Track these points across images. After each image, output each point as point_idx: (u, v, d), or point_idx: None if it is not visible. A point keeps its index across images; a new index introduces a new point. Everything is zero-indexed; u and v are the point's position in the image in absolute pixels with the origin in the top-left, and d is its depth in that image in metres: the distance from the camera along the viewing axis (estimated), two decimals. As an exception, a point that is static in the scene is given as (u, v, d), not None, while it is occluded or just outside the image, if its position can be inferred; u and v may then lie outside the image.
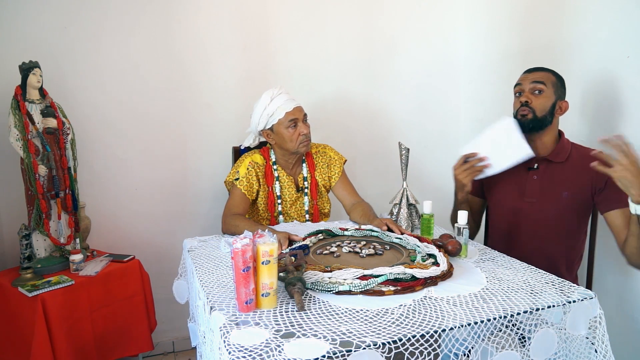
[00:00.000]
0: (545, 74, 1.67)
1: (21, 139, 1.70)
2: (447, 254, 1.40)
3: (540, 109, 1.64)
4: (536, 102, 1.64)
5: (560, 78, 1.68)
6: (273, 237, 1.12)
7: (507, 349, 1.06)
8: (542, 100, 1.64)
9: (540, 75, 1.66)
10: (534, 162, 1.70)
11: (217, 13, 2.21)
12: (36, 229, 1.76)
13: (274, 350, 0.92)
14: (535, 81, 1.65)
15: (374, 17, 2.47)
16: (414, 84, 2.61)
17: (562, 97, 1.68)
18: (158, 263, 2.24)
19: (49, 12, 1.97)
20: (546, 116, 1.64)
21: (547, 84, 1.64)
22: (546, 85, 1.64)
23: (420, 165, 2.59)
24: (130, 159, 2.19)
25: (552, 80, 1.65)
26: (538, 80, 1.65)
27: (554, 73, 1.68)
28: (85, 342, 1.74)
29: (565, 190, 1.63)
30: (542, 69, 1.69)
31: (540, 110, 1.64)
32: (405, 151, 1.71)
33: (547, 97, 1.64)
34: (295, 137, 1.85)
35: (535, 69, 1.70)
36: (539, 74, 1.67)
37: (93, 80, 2.08)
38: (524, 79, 1.70)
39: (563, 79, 1.69)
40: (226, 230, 1.78)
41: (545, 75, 1.66)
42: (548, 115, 1.64)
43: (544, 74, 1.67)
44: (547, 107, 1.64)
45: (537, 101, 1.64)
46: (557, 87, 1.66)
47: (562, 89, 1.68)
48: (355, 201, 1.94)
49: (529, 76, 1.69)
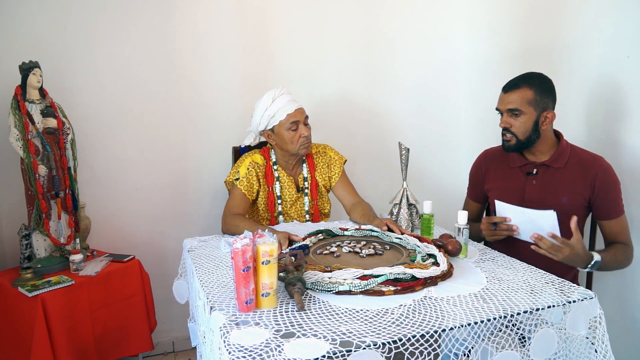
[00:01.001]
0: (520, 93, 1.60)
1: (21, 139, 1.70)
2: (447, 254, 1.40)
3: (521, 132, 1.62)
4: (516, 126, 1.62)
5: (542, 86, 1.60)
6: (273, 237, 1.12)
7: (507, 349, 1.06)
8: (521, 121, 1.61)
9: (513, 98, 1.60)
10: (532, 168, 1.70)
11: (217, 13, 2.21)
12: (36, 229, 1.76)
13: (274, 350, 0.92)
14: (509, 109, 1.62)
15: (374, 17, 2.47)
16: (414, 85, 2.61)
17: (547, 107, 1.61)
18: (158, 263, 2.24)
19: (49, 12, 1.97)
20: (530, 136, 1.62)
21: (522, 107, 1.59)
22: (521, 108, 1.59)
23: (420, 165, 2.59)
24: (130, 158, 2.19)
25: (528, 99, 1.59)
26: (511, 107, 1.61)
27: (531, 85, 1.60)
28: (85, 342, 1.74)
29: (565, 196, 1.63)
30: (517, 86, 1.61)
31: (522, 132, 1.62)
32: (405, 151, 1.71)
33: (527, 118, 1.60)
34: (296, 139, 1.85)
35: (509, 88, 1.63)
36: (512, 95, 1.61)
37: (93, 81, 2.08)
38: (501, 100, 1.66)
39: (547, 84, 1.61)
40: (226, 230, 1.78)
41: (518, 97, 1.59)
42: (532, 134, 1.62)
43: (517, 96, 1.60)
44: (528, 128, 1.61)
45: (517, 124, 1.62)
46: (537, 102, 1.59)
47: (544, 99, 1.60)
48: (355, 201, 1.94)
49: (505, 98, 1.64)
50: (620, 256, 1.59)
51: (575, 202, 1.62)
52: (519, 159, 1.72)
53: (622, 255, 1.59)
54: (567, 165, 1.65)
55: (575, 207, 1.62)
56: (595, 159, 1.63)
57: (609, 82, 1.88)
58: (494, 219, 1.61)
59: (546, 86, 1.62)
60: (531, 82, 1.61)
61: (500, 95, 1.67)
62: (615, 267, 1.61)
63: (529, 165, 1.70)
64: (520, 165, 1.72)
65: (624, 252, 1.60)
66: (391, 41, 2.52)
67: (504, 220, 1.59)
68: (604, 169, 1.61)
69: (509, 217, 1.58)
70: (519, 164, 1.72)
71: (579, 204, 1.63)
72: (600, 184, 1.59)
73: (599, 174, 1.60)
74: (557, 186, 1.65)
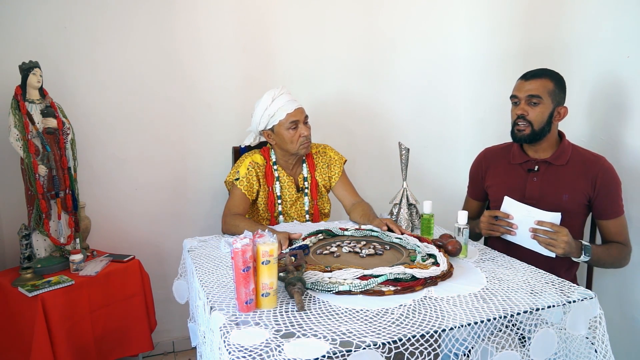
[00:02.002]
0: (542, 82, 1.61)
1: (21, 139, 1.70)
2: (447, 254, 1.40)
3: (537, 122, 1.61)
4: (533, 114, 1.61)
5: (560, 81, 1.63)
6: (273, 237, 1.12)
7: (507, 349, 1.06)
8: (539, 111, 1.60)
9: (535, 86, 1.61)
10: (534, 164, 1.70)
11: (217, 13, 2.21)
12: (36, 229, 1.76)
13: (274, 350, 0.92)
14: (530, 95, 1.61)
15: (374, 17, 2.47)
16: (414, 84, 2.61)
17: (561, 102, 1.63)
18: (158, 263, 2.24)
19: (49, 12, 1.97)
20: (544, 127, 1.62)
21: (544, 95, 1.60)
22: (542, 97, 1.60)
23: (420, 165, 2.59)
24: (130, 158, 2.19)
25: (549, 89, 1.60)
26: (533, 93, 1.60)
27: (552, 77, 1.62)
28: (85, 342, 1.74)
29: (565, 193, 1.63)
30: (539, 75, 1.62)
31: (538, 122, 1.61)
32: (405, 151, 1.71)
33: (545, 108, 1.60)
34: (295, 139, 1.85)
35: (531, 76, 1.63)
36: (535, 83, 1.61)
37: (93, 80, 2.08)
38: (519, 87, 1.65)
39: (563, 81, 1.64)
40: (226, 230, 1.78)
41: (541, 85, 1.60)
42: (546, 126, 1.62)
43: (539, 84, 1.61)
44: (544, 118, 1.61)
45: (534, 113, 1.61)
46: (555, 94, 1.61)
47: (561, 94, 1.63)
48: (355, 201, 1.94)
49: (525, 85, 1.63)
50: (614, 252, 1.59)
51: (576, 201, 1.62)
52: (520, 156, 1.72)
53: (615, 251, 1.59)
54: (568, 163, 1.65)
55: (575, 205, 1.62)
56: (598, 158, 1.64)
57: (609, 82, 1.89)
58: (497, 213, 1.62)
59: (563, 82, 1.64)
60: (552, 75, 1.63)
61: (518, 83, 1.66)
62: (610, 263, 1.60)
63: (531, 162, 1.70)
64: (522, 162, 1.72)
65: (619, 250, 1.60)
66: (391, 41, 2.52)
67: (506, 216, 1.60)
68: (605, 168, 1.61)
69: (512, 215, 1.59)
70: (520, 160, 1.72)
71: (580, 203, 1.63)
72: (602, 184, 1.59)
73: (600, 174, 1.60)
74: (558, 184, 1.65)
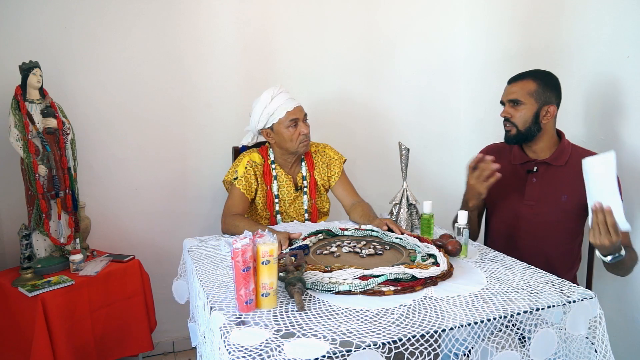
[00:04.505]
0: (522, 84, 1.63)
1: (21, 139, 1.70)
2: (447, 254, 1.40)
3: (521, 122, 1.64)
4: (516, 116, 1.64)
5: (546, 80, 1.63)
6: (273, 237, 1.12)
7: (507, 349, 1.06)
8: (521, 112, 1.63)
9: (515, 89, 1.64)
10: (533, 165, 1.70)
11: (217, 13, 2.21)
12: (36, 229, 1.76)
13: (274, 350, 0.92)
14: (509, 99, 1.65)
15: (374, 17, 2.47)
16: (414, 84, 2.61)
17: (549, 101, 1.63)
18: (158, 263, 2.24)
19: (49, 12, 1.97)
20: (530, 127, 1.63)
21: (523, 97, 1.62)
22: (521, 99, 1.62)
23: (420, 165, 2.59)
24: (130, 158, 2.19)
25: (530, 90, 1.62)
26: (511, 98, 1.65)
27: (535, 77, 1.63)
28: (85, 342, 1.74)
29: (565, 194, 1.63)
30: (520, 78, 1.65)
31: (522, 123, 1.63)
32: (405, 151, 1.71)
33: (527, 109, 1.62)
34: (295, 137, 1.85)
35: (513, 80, 1.68)
36: (515, 87, 1.65)
37: (93, 80, 2.08)
38: (504, 92, 1.69)
39: (551, 79, 1.64)
40: (226, 230, 1.78)
41: (520, 88, 1.63)
42: (532, 126, 1.63)
43: (519, 87, 1.63)
44: (528, 118, 1.63)
45: (517, 114, 1.64)
46: (539, 94, 1.62)
47: (547, 93, 1.62)
48: (355, 201, 1.94)
49: (507, 89, 1.68)
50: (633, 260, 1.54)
51: (575, 201, 1.62)
52: (520, 156, 1.73)
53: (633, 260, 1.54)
54: (567, 164, 1.65)
55: (575, 206, 1.62)
56: None
57: (609, 82, 1.88)
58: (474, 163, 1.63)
59: (550, 81, 1.64)
60: (536, 75, 1.64)
61: (505, 88, 1.70)
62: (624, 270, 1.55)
63: (530, 162, 1.71)
64: (522, 162, 1.72)
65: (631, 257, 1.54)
66: (391, 41, 2.52)
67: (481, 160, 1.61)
68: None
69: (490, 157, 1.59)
70: (520, 161, 1.73)
71: (579, 203, 1.62)
72: None
73: None
74: (557, 184, 1.65)
